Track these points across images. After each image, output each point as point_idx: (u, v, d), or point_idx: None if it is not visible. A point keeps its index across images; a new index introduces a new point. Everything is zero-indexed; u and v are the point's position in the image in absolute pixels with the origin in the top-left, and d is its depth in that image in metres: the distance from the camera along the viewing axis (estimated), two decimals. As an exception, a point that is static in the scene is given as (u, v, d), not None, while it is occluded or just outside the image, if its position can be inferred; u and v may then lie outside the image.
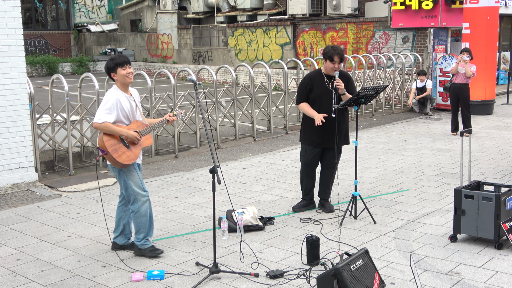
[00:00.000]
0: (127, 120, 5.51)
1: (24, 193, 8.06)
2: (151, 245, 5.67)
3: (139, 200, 5.56)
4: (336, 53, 6.49)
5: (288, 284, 4.95)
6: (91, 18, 34.27)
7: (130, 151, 5.46)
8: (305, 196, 7.08)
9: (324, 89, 6.65)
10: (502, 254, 5.51)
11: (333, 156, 6.84)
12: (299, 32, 21.16)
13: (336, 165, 6.95)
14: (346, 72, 6.98)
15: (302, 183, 7.08)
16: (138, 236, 5.63)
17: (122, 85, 5.50)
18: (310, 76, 6.80)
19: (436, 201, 7.32)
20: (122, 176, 5.55)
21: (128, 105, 5.49)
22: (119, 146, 5.40)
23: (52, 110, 9.52)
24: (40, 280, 5.16)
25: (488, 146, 10.66)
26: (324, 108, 6.64)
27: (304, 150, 6.95)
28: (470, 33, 14.36)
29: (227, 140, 11.81)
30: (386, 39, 18.10)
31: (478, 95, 14.11)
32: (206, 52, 25.47)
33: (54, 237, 6.25)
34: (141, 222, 5.59)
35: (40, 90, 19.24)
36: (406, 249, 5.72)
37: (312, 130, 6.77)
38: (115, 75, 5.46)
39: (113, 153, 5.34)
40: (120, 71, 5.43)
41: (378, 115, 14.98)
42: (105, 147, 5.33)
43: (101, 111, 5.36)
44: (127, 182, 5.55)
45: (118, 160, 5.36)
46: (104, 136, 5.36)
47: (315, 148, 6.84)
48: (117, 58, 5.46)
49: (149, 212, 5.64)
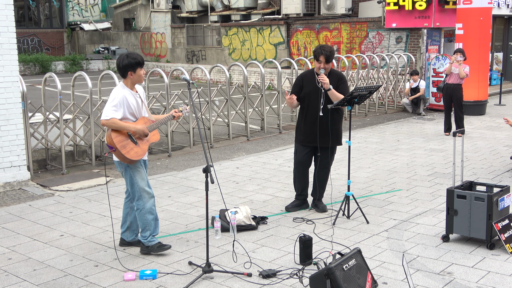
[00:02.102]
0: (134, 117, 5.51)
1: (16, 192, 8.02)
2: (158, 241, 5.64)
3: (144, 197, 5.54)
4: (322, 53, 6.55)
5: (281, 284, 4.95)
6: (84, 16, 34.15)
7: (138, 147, 5.46)
8: (299, 196, 7.09)
9: (313, 88, 6.71)
10: (494, 254, 5.53)
11: (326, 156, 6.86)
12: (293, 31, 21.17)
13: (330, 166, 6.97)
14: (339, 72, 7.01)
15: (295, 182, 7.11)
16: (144, 234, 5.61)
17: (132, 84, 5.51)
18: (302, 75, 6.93)
19: (428, 201, 7.34)
20: (128, 172, 5.54)
21: (134, 102, 5.48)
22: (127, 142, 5.40)
23: (44, 108, 9.48)
24: (32, 279, 5.14)
25: (480, 147, 10.71)
26: (312, 106, 6.72)
27: (296, 149, 7.02)
28: (463, 33, 14.42)
29: (220, 139, 11.80)
30: (379, 39, 18.13)
31: (471, 96, 14.17)
32: (200, 51, 25.44)
33: (46, 236, 6.23)
34: (146, 220, 5.57)
35: (32, 88, 19.17)
36: (399, 249, 5.73)
37: (301, 129, 6.87)
38: (132, 73, 5.43)
39: (121, 149, 5.34)
40: (139, 71, 5.45)
41: (371, 115, 15.00)
42: (113, 144, 5.33)
43: (108, 108, 5.35)
44: (133, 178, 5.54)
45: (126, 156, 5.36)
46: (112, 133, 5.36)
47: (305, 146, 6.88)
48: (138, 57, 5.45)
49: (154, 210, 5.62)
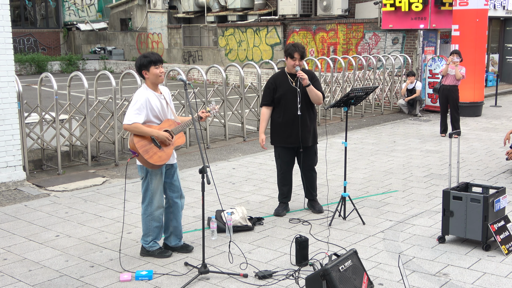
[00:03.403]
0: (158, 119, 5.36)
1: (12, 192, 8.00)
2: (159, 246, 5.59)
3: (153, 204, 5.44)
4: (296, 50, 6.51)
5: (277, 285, 4.95)
6: (80, 16, 34.08)
7: (162, 151, 5.31)
8: (285, 199, 6.96)
9: (288, 88, 6.63)
10: (490, 256, 5.54)
11: (310, 157, 6.80)
12: (290, 32, 21.17)
13: (315, 166, 6.90)
14: (310, 70, 6.90)
15: (282, 186, 6.92)
16: (146, 239, 5.54)
17: (152, 84, 5.36)
18: (274, 77, 6.78)
19: (424, 202, 7.35)
20: (148, 177, 5.42)
21: (158, 104, 5.34)
22: (150, 146, 5.26)
23: (40, 108, 9.45)
24: (27, 280, 5.12)
25: (476, 148, 10.73)
26: (289, 107, 6.62)
27: (278, 153, 6.85)
28: (459, 35, 14.45)
29: (216, 140, 11.79)
30: (376, 40, 18.16)
31: (467, 97, 14.20)
32: (196, 51, 25.42)
33: (41, 237, 6.21)
34: (150, 226, 5.48)
35: (28, 88, 19.12)
36: (395, 250, 5.74)
37: (279, 131, 6.72)
38: (147, 73, 5.31)
39: (144, 154, 5.20)
40: (153, 69, 5.29)
41: (367, 116, 15.02)
42: (135, 149, 5.20)
43: (131, 112, 5.21)
44: (149, 184, 5.41)
45: (149, 161, 5.23)
46: (135, 138, 5.22)
47: (287, 148, 6.76)
48: (151, 56, 5.31)
49: (162, 218, 5.53)
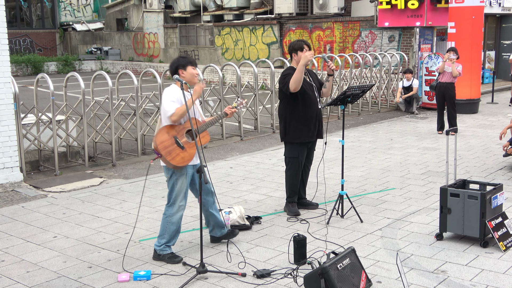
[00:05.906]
0: (183, 118, 5.39)
1: (9, 193, 7.98)
2: (171, 251, 5.57)
3: (176, 205, 5.48)
4: (304, 43, 6.61)
5: (275, 284, 4.95)
6: (76, 17, 34.03)
7: (185, 151, 5.34)
8: (295, 197, 6.88)
9: (306, 83, 6.62)
10: (488, 252, 5.55)
11: (312, 152, 6.91)
12: (286, 31, 21.18)
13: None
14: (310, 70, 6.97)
15: (292, 186, 6.80)
16: (160, 241, 5.53)
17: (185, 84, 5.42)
18: (290, 71, 6.56)
19: (422, 199, 7.36)
20: (173, 178, 5.45)
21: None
22: (173, 148, 5.30)
23: (37, 109, 9.44)
24: (25, 281, 5.11)
25: (473, 145, 10.74)
26: (312, 101, 6.59)
27: (298, 151, 6.68)
28: (456, 32, 14.47)
29: (214, 139, 11.78)
30: (372, 38, 18.17)
31: (463, 94, 14.22)
32: (193, 51, 25.40)
33: (39, 238, 6.20)
34: (168, 228, 5.50)
35: (25, 89, 19.08)
36: (393, 247, 5.74)
37: (300, 128, 6.58)
38: (183, 71, 5.42)
39: (166, 156, 5.25)
40: (190, 69, 5.43)
41: (364, 114, 15.03)
42: (158, 150, 5.24)
43: (167, 103, 5.29)
44: (175, 185, 5.45)
45: (172, 162, 5.27)
46: (158, 139, 5.28)
47: (304, 144, 6.69)
48: (189, 57, 5.52)
49: (180, 222, 5.56)
